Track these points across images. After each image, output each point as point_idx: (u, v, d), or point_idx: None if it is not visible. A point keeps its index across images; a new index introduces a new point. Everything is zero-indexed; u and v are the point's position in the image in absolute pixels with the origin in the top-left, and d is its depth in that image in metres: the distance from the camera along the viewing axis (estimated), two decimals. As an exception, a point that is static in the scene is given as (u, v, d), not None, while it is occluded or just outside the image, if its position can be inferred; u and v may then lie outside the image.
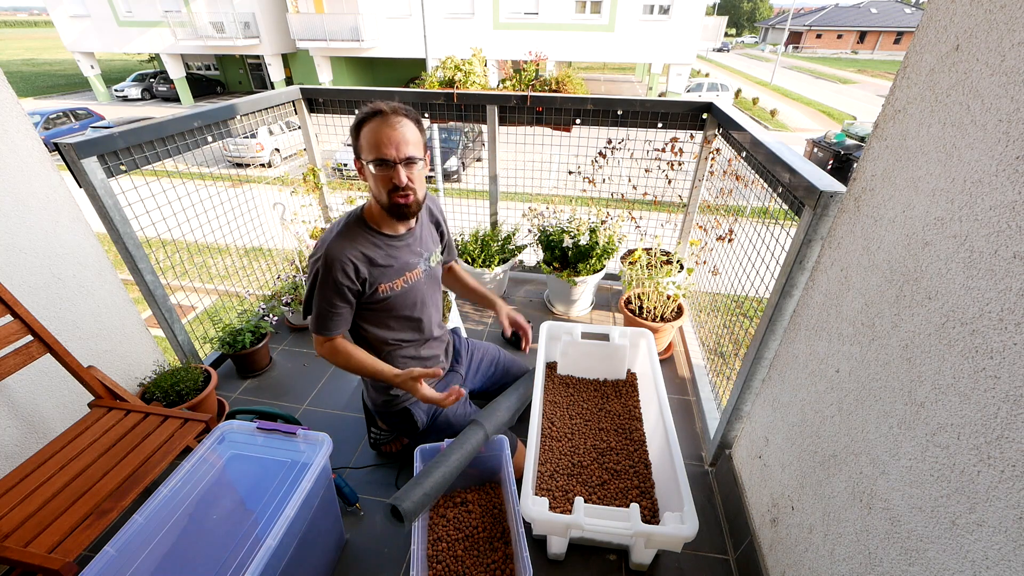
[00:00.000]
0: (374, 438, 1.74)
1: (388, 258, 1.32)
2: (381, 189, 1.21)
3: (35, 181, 1.49)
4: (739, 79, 29.11)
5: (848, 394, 0.97)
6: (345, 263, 1.23)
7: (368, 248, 1.28)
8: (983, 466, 0.66)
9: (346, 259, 1.24)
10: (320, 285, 1.26)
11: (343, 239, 1.26)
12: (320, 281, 1.25)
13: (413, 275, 1.38)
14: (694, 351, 2.24)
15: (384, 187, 1.20)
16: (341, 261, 1.23)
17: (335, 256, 1.23)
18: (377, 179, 1.19)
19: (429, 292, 1.47)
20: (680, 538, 1.18)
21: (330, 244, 1.24)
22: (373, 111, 1.17)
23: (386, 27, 15.59)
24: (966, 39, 0.73)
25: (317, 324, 1.32)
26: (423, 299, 1.44)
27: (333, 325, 1.31)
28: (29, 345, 1.38)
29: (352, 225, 1.29)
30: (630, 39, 14.58)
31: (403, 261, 1.35)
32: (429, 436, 1.53)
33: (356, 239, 1.27)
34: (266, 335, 2.16)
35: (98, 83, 19.92)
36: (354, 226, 1.29)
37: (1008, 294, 0.64)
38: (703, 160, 2.35)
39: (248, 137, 11.17)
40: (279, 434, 1.25)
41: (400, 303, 1.38)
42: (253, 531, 1.12)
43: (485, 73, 2.57)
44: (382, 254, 1.30)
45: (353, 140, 1.21)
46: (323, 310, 1.29)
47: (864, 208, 0.97)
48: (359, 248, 1.26)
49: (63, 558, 1.06)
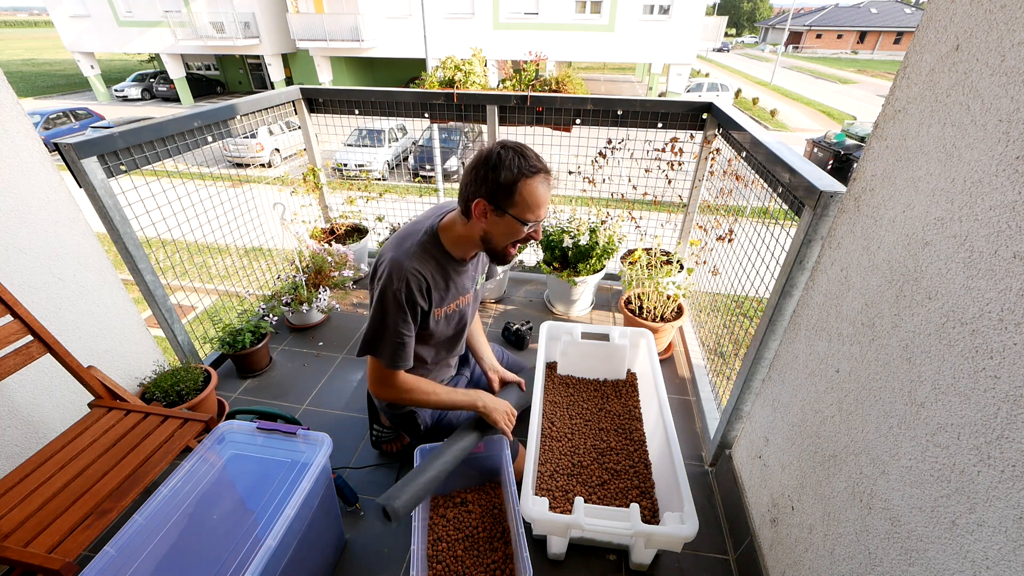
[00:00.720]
0: (376, 436, 1.74)
1: (450, 283, 1.28)
2: (509, 240, 1.18)
3: (35, 181, 1.49)
4: (739, 79, 29.12)
5: (848, 394, 0.97)
6: (421, 281, 1.18)
7: (437, 271, 1.23)
8: (983, 466, 0.66)
9: (423, 277, 1.18)
10: (397, 309, 1.16)
11: (421, 257, 1.19)
12: (397, 304, 1.16)
13: (465, 299, 1.36)
14: (694, 351, 2.24)
15: (514, 240, 1.18)
16: (419, 279, 1.17)
17: (415, 273, 1.16)
18: (515, 232, 1.15)
19: (471, 313, 1.46)
20: (680, 538, 1.18)
21: (408, 262, 1.16)
22: (537, 168, 1.11)
23: (386, 27, 15.60)
24: (966, 39, 0.73)
25: (394, 355, 1.20)
26: (465, 320, 1.42)
27: (409, 353, 1.22)
28: (29, 345, 1.38)
29: (428, 244, 1.22)
30: (630, 39, 14.59)
31: (461, 286, 1.32)
32: (430, 435, 1.53)
33: (430, 260, 1.21)
34: (266, 335, 2.16)
35: (98, 83, 19.92)
36: (430, 245, 1.22)
37: (1008, 294, 0.64)
38: (703, 160, 2.35)
39: (248, 137, 11.17)
40: (279, 434, 1.25)
41: (445, 326, 1.34)
42: (253, 531, 1.12)
43: (485, 73, 2.57)
44: (446, 278, 1.26)
45: (499, 188, 1.09)
46: (402, 337, 1.19)
47: (864, 208, 0.97)
48: (431, 269, 1.21)
49: (63, 558, 1.06)
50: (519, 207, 1.11)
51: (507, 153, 1.09)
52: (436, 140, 3.89)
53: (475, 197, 1.12)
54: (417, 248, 1.20)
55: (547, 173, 1.14)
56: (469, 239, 1.21)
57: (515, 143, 1.12)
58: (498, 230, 1.16)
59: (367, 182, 3.06)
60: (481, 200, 1.12)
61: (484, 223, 1.16)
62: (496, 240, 1.19)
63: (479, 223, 1.16)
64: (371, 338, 1.21)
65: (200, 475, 1.18)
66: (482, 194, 1.11)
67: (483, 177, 1.10)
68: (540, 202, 1.13)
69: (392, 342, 1.20)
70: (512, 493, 1.32)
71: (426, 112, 2.49)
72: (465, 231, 1.21)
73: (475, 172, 1.11)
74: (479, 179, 1.11)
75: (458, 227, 1.22)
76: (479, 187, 1.11)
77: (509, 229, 1.15)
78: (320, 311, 2.43)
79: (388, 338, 1.19)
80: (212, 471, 1.21)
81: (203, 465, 1.20)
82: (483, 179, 1.10)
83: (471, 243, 1.23)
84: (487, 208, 1.13)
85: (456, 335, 1.43)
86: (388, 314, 1.18)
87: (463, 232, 1.21)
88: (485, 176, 1.10)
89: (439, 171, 4.53)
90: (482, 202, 1.12)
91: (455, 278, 1.29)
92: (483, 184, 1.10)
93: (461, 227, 1.21)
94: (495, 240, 1.19)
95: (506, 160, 1.08)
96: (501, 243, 1.19)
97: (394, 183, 7.28)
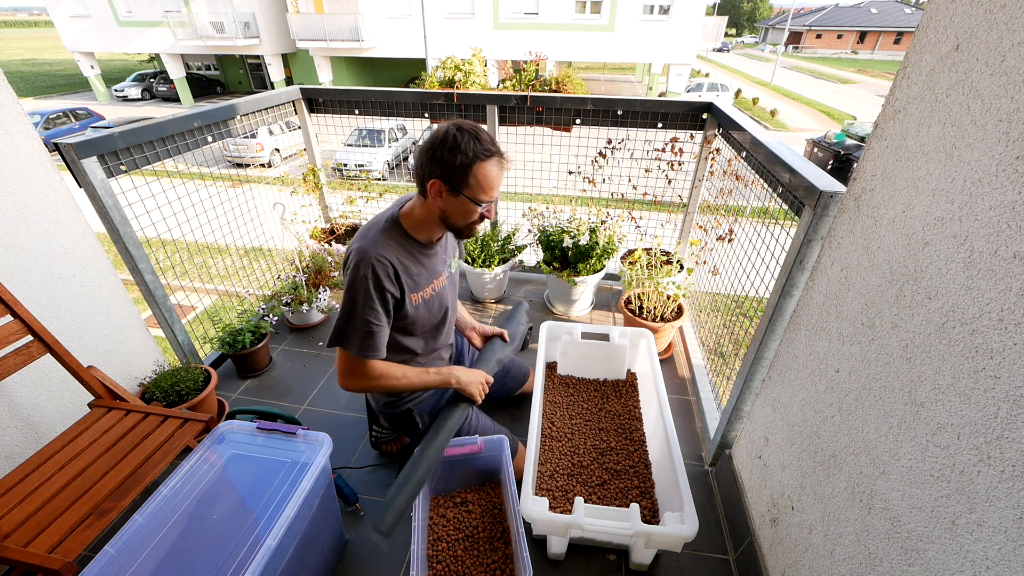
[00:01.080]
0: (375, 437, 1.74)
1: (420, 266, 1.28)
2: (467, 219, 1.21)
3: (35, 181, 1.49)
4: (739, 79, 29.12)
5: (848, 394, 0.97)
6: (387, 266, 1.18)
7: (404, 255, 1.24)
8: (983, 466, 0.66)
9: (388, 262, 1.18)
10: (364, 296, 1.17)
11: (384, 243, 1.20)
12: (364, 291, 1.17)
13: (439, 282, 1.36)
14: (694, 351, 2.24)
15: (471, 219, 1.21)
16: (384, 264, 1.18)
17: (379, 258, 1.17)
18: (470, 212, 1.19)
19: (451, 298, 1.45)
20: (680, 538, 1.18)
21: (372, 248, 1.18)
22: (492, 151, 1.14)
23: (386, 27, 15.60)
24: (966, 39, 0.73)
25: (363, 344, 1.19)
26: (445, 304, 1.42)
27: (380, 343, 1.22)
28: (29, 345, 1.38)
29: (390, 230, 1.23)
30: (630, 39, 14.58)
31: (433, 269, 1.32)
32: None
33: (394, 245, 1.22)
34: (266, 335, 2.16)
35: (98, 83, 19.92)
36: (392, 231, 1.23)
37: (1008, 294, 0.64)
38: (703, 160, 2.35)
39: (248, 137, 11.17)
40: (279, 434, 1.25)
41: (426, 312, 1.34)
42: (253, 531, 1.12)
43: (485, 73, 2.58)
44: (415, 262, 1.27)
45: (454, 170, 1.12)
46: (370, 325, 1.19)
47: (864, 208, 0.97)
48: (397, 254, 1.22)
49: (63, 558, 1.06)
50: (473, 189, 1.14)
51: (463, 135, 1.10)
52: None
53: (431, 178, 1.14)
54: (380, 235, 1.21)
55: (501, 156, 1.17)
56: (429, 219, 1.24)
57: (471, 124, 1.14)
58: (453, 209, 1.19)
59: (367, 182, 3.06)
60: (437, 180, 1.14)
61: (440, 202, 1.18)
62: (454, 219, 1.22)
63: (435, 202, 1.18)
64: (340, 328, 1.21)
65: (200, 475, 1.18)
66: (437, 175, 1.13)
67: (439, 159, 1.12)
68: (493, 184, 1.16)
69: (361, 330, 1.20)
70: (512, 493, 1.32)
71: (426, 112, 2.49)
72: (424, 212, 1.23)
73: (431, 153, 1.13)
74: (435, 160, 1.12)
75: (417, 210, 1.24)
76: (435, 168, 1.13)
77: (464, 208, 1.18)
78: (320, 311, 2.43)
79: (357, 327, 1.19)
80: (212, 471, 1.21)
81: (203, 465, 1.20)
82: (439, 160, 1.12)
83: (432, 223, 1.24)
84: (442, 188, 1.15)
85: (440, 322, 1.43)
86: (356, 303, 1.18)
87: (422, 214, 1.23)
88: (441, 158, 1.11)
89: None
90: (437, 182, 1.14)
91: (424, 261, 1.30)
92: (439, 165, 1.12)
93: (420, 209, 1.23)
94: (452, 219, 1.22)
95: (462, 143, 1.10)
96: (459, 222, 1.22)
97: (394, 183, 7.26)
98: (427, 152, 1.13)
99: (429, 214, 1.22)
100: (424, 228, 1.26)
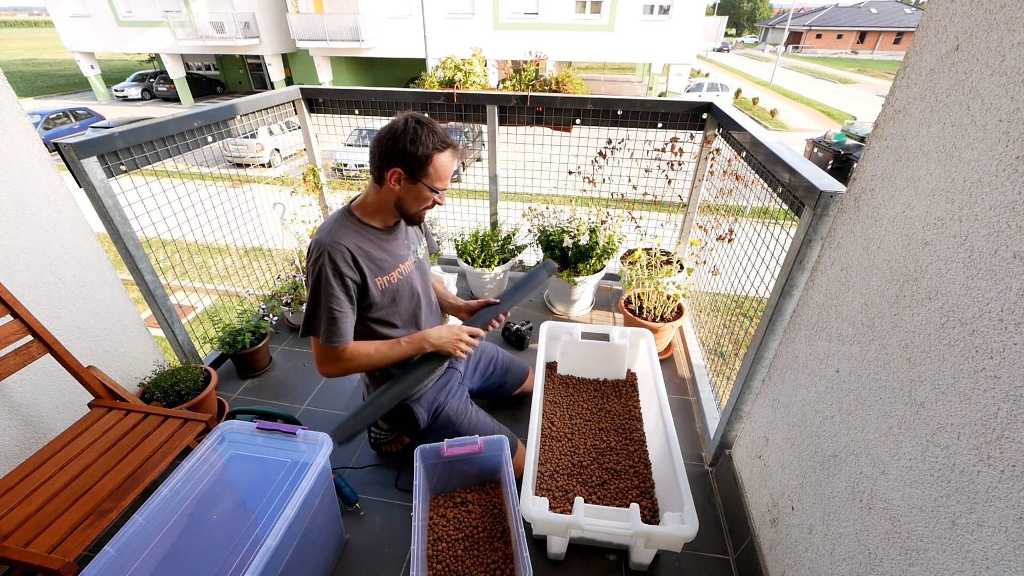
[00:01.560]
0: (374, 438, 1.74)
1: (381, 251, 1.33)
2: (420, 205, 1.29)
3: (35, 181, 1.49)
4: (739, 79, 29.12)
5: (848, 394, 0.97)
6: (344, 252, 1.23)
7: (362, 241, 1.29)
8: (983, 466, 0.66)
9: (344, 248, 1.23)
10: (324, 284, 1.23)
11: (338, 232, 1.26)
12: (324, 279, 1.22)
13: (406, 267, 1.40)
14: (694, 351, 2.24)
15: (425, 204, 1.30)
16: (340, 250, 1.23)
17: (334, 245, 1.23)
18: (424, 199, 1.28)
19: (421, 284, 1.48)
20: (680, 538, 1.18)
21: (326, 237, 1.24)
22: (448, 143, 1.24)
23: (386, 27, 15.59)
24: (966, 39, 0.73)
25: (328, 331, 1.25)
26: (416, 290, 1.45)
27: (345, 328, 1.27)
28: (29, 345, 1.38)
29: (343, 220, 1.30)
30: (630, 39, 14.58)
31: (396, 253, 1.37)
32: (429, 435, 1.53)
33: (350, 232, 1.28)
34: (266, 335, 2.16)
35: (98, 83, 19.92)
36: (346, 220, 1.30)
37: (1008, 294, 0.64)
38: (703, 160, 2.35)
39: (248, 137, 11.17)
40: (279, 434, 1.25)
41: (396, 297, 1.39)
42: (253, 531, 1.12)
43: (485, 73, 2.57)
44: (375, 247, 1.32)
45: (415, 160, 1.21)
46: (332, 312, 1.24)
47: (864, 208, 0.97)
48: (354, 240, 1.27)
49: (63, 558, 1.06)
50: (430, 177, 1.24)
51: (421, 128, 1.20)
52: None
53: (392, 166, 1.22)
54: (335, 225, 1.28)
55: (455, 148, 1.28)
56: (384, 205, 1.31)
57: (426, 117, 1.23)
58: (409, 195, 1.27)
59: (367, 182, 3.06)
60: (397, 169, 1.22)
61: (398, 189, 1.26)
62: (408, 204, 1.30)
63: (392, 189, 1.25)
64: (308, 317, 1.27)
65: (200, 475, 1.18)
66: (397, 163, 1.22)
67: (400, 149, 1.20)
68: (448, 174, 1.28)
69: (324, 317, 1.25)
70: (512, 493, 1.32)
71: (426, 112, 2.49)
72: (379, 198, 1.30)
73: (391, 143, 1.21)
74: (395, 150, 1.20)
75: (371, 197, 1.31)
76: (395, 157, 1.21)
77: (420, 195, 1.27)
78: (320, 311, 2.43)
79: (320, 313, 1.25)
80: (212, 471, 1.21)
81: (203, 465, 1.20)
82: (400, 151, 1.20)
83: (386, 209, 1.32)
84: (402, 176, 1.23)
85: (417, 308, 1.46)
86: (319, 291, 1.24)
87: (377, 200, 1.31)
88: (403, 148, 1.20)
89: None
90: (397, 171, 1.22)
91: (385, 246, 1.35)
92: (399, 155, 1.21)
93: (374, 195, 1.30)
94: (406, 204, 1.30)
95: (422, 135, 1.20)
96: (413, 208, 1.30)
97: (394, 183, 7.14)
98: (387, 142, 1.21)
99: (384, 200, 1.29)
100: (379, 214, 1.33)
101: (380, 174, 1.24)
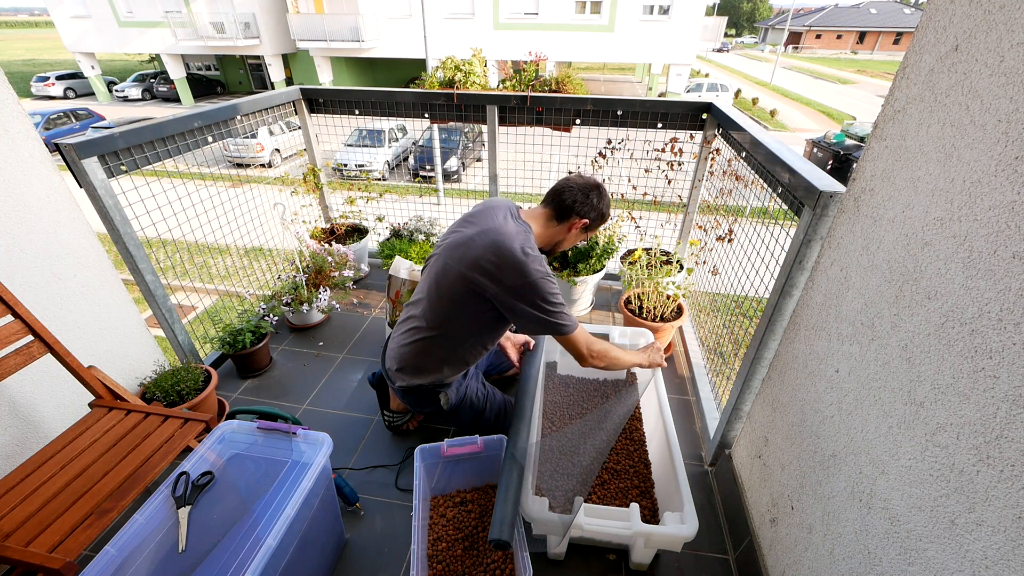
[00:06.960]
0: (388, 420, 1.81)
1: None
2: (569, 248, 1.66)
3: (36, 181, 1.49)
4: (739, 79, 29.12)
5: (847, 394, 0.97)
6: None
7: None
8: (982, 466, 0.66)
9: None
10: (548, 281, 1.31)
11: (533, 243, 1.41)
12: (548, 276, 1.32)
13: None
14: (694, 351, 2.24)
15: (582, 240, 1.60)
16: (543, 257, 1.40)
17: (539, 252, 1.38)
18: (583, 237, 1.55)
19: None
20: (680, 538, 1.18)
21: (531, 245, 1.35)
22: None
23: (386, 27, 15.60)
24: (965, 40, 0.74)
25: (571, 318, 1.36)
26: None
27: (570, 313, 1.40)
28: (30, 345, 1.38)
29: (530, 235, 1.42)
30: (630, 39, 14.59)
31: None
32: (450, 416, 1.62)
33: None
34: (266, 335, 2.16)
35: (99, 83, 19.92)
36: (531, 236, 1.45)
37: (1007, 294, 0.64)
38: (703, 160, 2.35)
39: (248, 137, 11.18)
40: (279, 434, 1.25)
41: None
42: (253, 531, 1.12)
43: (485, 73, 2.57)
44: None
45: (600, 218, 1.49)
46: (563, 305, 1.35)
47: (864, 208, 0.97)
48: None
49: (64, 558, 1.06)
50: (595, 230, 1.56)
51: (604, 192, 1.48)
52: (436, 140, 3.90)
53: (583, 216, 1.45)
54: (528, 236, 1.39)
55: None
56: (552, 239, 1.50)
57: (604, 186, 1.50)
58: (573, 240, 1.52)
59: (367, 182, 3.06)
60: (586, 219, 1.46)
61: (571, 233, 1.49)
62: (567, 244, 1.54)
63: (568, 232, 1.48)
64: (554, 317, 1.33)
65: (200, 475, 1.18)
66: (588, 215, 1.46)
67: (595, 204, 1.45)
68: None
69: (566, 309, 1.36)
70: (512, 493, 1.32)
71: (426, 112, 2.49)
72: (551, 232, 1.49)
73: (589, 196, 1.44)
74: (592, 204, 1.45)
75: (545, 229, 1.48)
76: (590, 209, 1.45)
77: (577, 241, 1.55)
78: (320, 311, 2.43)
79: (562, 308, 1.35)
80: (212, 471, 1.21)
81: (203, 465, 1.20)
82: (594, 206, 1.45)
83: (548, 241, 1.50)
84: (585, 226, 1.48)
85: None
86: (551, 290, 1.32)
87: (548, 233, 1.49)
88: (597, 204, 1.45)
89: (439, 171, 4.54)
90: (585, 221, 1.47)
91: None
92: (593, 209, 1.45)
93: (547, 229, 1.48)
94: (566, 243, 1.53)
95: (605, 197, 1.48)
96: (566, 246, 1.55)
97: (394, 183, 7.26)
98: (587, 194, 1.44)
99: (554, 235, 1.49)
100: (542, 240, 1.49)
101: (568, 216, 1.44)
